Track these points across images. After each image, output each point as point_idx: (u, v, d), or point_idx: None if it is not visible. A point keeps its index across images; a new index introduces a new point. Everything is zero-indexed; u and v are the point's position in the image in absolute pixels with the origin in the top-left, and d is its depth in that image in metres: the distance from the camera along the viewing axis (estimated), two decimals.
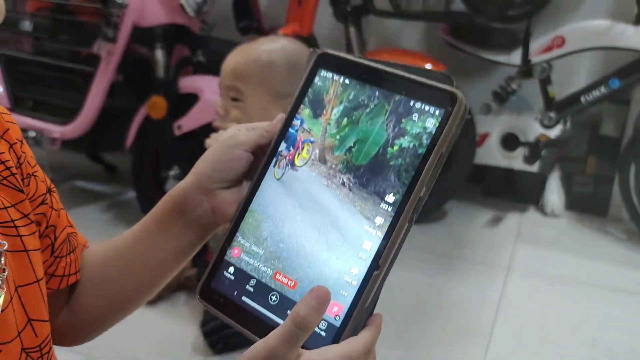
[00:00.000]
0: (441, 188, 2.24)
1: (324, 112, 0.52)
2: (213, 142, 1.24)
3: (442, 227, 2.26)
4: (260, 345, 0.43)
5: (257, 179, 0.53)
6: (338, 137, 0.50)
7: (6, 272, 0.49)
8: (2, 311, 0.48)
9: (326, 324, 0.46)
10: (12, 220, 0.51)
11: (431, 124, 0.46)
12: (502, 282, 1.85)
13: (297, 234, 0.50)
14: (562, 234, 2.30)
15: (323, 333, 0.46)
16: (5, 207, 0.50)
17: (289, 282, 0.48)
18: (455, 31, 2.33)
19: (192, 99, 1.83)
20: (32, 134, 1.94)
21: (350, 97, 0.51)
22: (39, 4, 2.18)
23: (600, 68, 2.32)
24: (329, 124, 0.51)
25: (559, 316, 1.69)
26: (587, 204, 2.47)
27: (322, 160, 0.50)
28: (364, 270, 0.45)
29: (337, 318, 0.45)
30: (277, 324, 0.46)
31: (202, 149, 1.31)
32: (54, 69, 2.05)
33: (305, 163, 0.51)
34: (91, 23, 2.09)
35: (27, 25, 2.07)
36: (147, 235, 0.58)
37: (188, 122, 1.82)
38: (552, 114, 2.22)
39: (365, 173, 0.48)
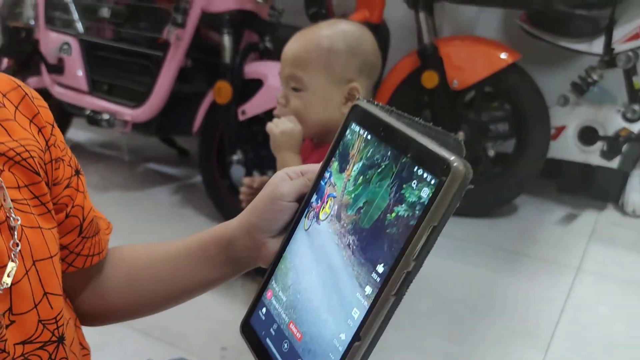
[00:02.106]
0: (511, 182, 2.16)
1: (347, 167, 0.50)
2: (274, 128, 1.24)
3: (512, 223, 2.18)
4: None
5: (292, 227, 0.54)
6: (353, 195, 0.49)
7: (19, 247, 0.51)
8: (16, 283, 0.50)
9: None
10: (27, 199, 0.53)
11: (425, 194, 0.42)
12: (570, 283, 1.76)
13: (310, 288, 0.50)
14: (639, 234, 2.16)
15: None
16: (19, 187, 0.53)
17: (297, 334, 0.49)
18: (533, 18, 2.22)
19: (257, 84, 1.85)
20: (105, 116, 2.02)
21: (369, 154, 0.49)
22: None
23: None
24: (349, 180, 0.50)
25: (629, 323, 1.59)
26: None
27: (338, 217, 0.49)
28: (349, 338, 0.44)
29: None
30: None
31: (265, 134, 1.33)
32: (129, 55, 2.13)
33: (327, 218, 0.51)
34: (166, 10, 2.16)
35: (105, 12, 2.15)
36: (188, 256, 0.62)
37: (252, 108, 1.84)
38: (637, 107, 2.08)
39: (366, 237, 0.46)
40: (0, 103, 0.53)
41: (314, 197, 0.53)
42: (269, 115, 1.86)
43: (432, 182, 0.42)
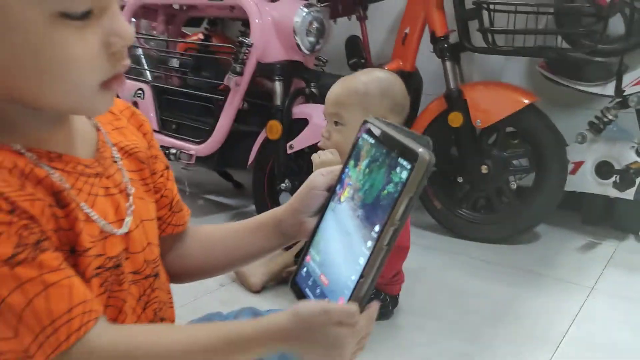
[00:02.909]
0: (530, 213, 2.35)
1: (359, 163, 0.72)
2: (316, 158, 1.52)
3: (533, 248, 2.37)
4: (319, 303, 0.66)
5: (323, 209, 0.76)
6: (361, 182, 0.70)
7: (132, 207, 0.75)
8: (130, 232, 0.74)
9: None
10: (136, 179, 0.79)
11: (404, 175, 0.62)
12: (583, 300, 1.94)
13: (334, 249, 0.71)
14: None
15: None
16: (131, 171, 0.78)
17: (325, 281, 0.70)
18: (551, 65, 2.46)
19: (303, 123, 2.14)
20: (173, 150, 2.35)
21: (372, 153, 0.70)
22: (186, 46, 2.63)
23: None
24: (360, 172, 0.71)
25: (637, 333, 1.75)
26: None
27: (352, 198, 0.70)
28: (357, 278, 0.64)
29: None
30: None
31: (310, 164, 1.61)
32: (194, 98, 2.47)
33: (345, 200, 0.72)
34: (225, 61, 2.50)
35: (174, 62, 2.52)
36: (249, 230, 0.86)
37: (298, 143, 2.13)
38: None
39: (369, 209, 0.66)
40: (119, 117, 0.82)
41: (338, 186, 0.75)
42: (312, 149, 2.15)
43: (408, 167, 0.62)
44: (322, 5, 2.26)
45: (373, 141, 0.70)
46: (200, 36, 2.89)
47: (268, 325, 0.66)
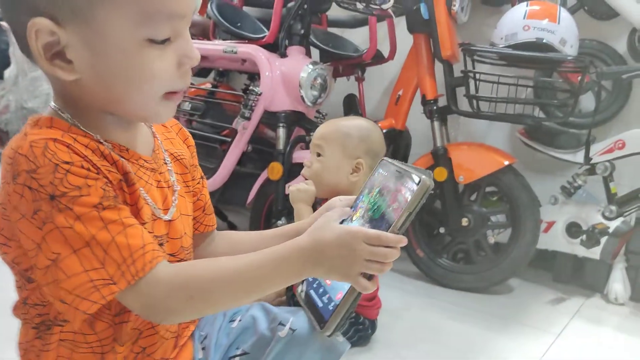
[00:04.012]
0: (505, 266, 2.54)
1: (372, 191, 0.86)
2: (292, 187, 1.72)
3: (507, 298, 2.55)
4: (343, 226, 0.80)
5: None
6: (372, 203, 0.83)
7: (177, 201, 0.91)
8: (174, 220, 0.90)
9: None
10: (180, 181, 0.96)
11: (408, 195, 0.76)
12: (550, 344, 2.11)
13: None
14: (622, 319, 2.48)
15: None
16: (177, 173, 0.94)
17: (328, 281, 0.87)
18: (529, 132, 2.71)
19: (301, 167, 2.34)
20: None
21: (384, 182, 0.84)
22: (196, 92, 2.85)
23: None
24: (372, 197, 0.84)
25: None
26: None
27: (363, 216, 0.84)
28: None
29: None
30: (319, 306, 0.85)
31: None
32: (202, 139, 2.67)
33: (357, 219, 0.85)
34: (232, 108, 2.73)
35: (187, 105, 2.73)
36: (274, 238, 0.97)
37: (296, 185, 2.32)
38: (613, 208, 2.49)
39: (375, 222, 0.80)
40: (169, 130, 1.00)
41: (352, 210, 0.87)
42: None
43: (412, 188, 0.76)
44: (325, 64, 2.50)
45: (386, 173, 0.85)
46: (209, 86, 3.12)
47: (292, 245, 0.79)
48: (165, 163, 0.93)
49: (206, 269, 0.80)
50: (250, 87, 2.38)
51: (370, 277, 0.78)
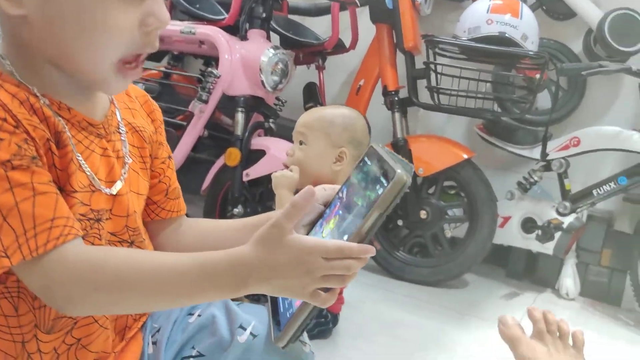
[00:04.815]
0: (462, 260, 2.53)
1: (355, 181, 0.76)
2: (277, 173, 1.65)
3: (462, 293, 2.55)
4: (269, 221, 0.67)
5: (314, 223, 0.80)
6: (351, 197, 0.74)
7: (126, 175, 0.82)
8: (120, 196, 0.80)
9: None
10: (135, 155, 0.86)
11: (380, 191, 0.65)
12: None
13: None
14: (573, 314, 2.52)
15: None
16: (134, 146, 0.86)
17: None
18: (487, 127, 2.72)
19: (260, 154, 2.27)
20: None
21: (366, 173, 0.74)
22: (150, 74, 2.74)
23: (619, 166, 2.62)
24: (353, 189, 0.75)
25: None
26: (600, 293, 2.70)
27: (340, 212, 0.75)
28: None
29: None
30: (280, 311, 0.74)
31: (263, 193, 1.73)
32: None
33: (336, 213, 0.76)
34: (187, 91, 2.63)
35: (140, 87, 2.61)
36: (245, 226, 0.89)
37: (254, 171, 2.25)
38: (567, 204, 2.52)
39: (349, 221, 0.70)
40: (133, 99, 0.91)
41: (333, 203, 0.79)
42: (266, 180, 2.28)
43: (385, 184, 0.65)
44: (286, 49, 2.44)
45: (370, 163, 0.75)
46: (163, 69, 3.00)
47: (232, 255, 0.67)
48: (119, 132, 0.84)
49: (123, 261, 0.69)
50: (209, 69, 2.29)
51: (328, 289, 0.67)
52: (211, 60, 2.72)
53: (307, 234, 0.79)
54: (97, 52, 0.71)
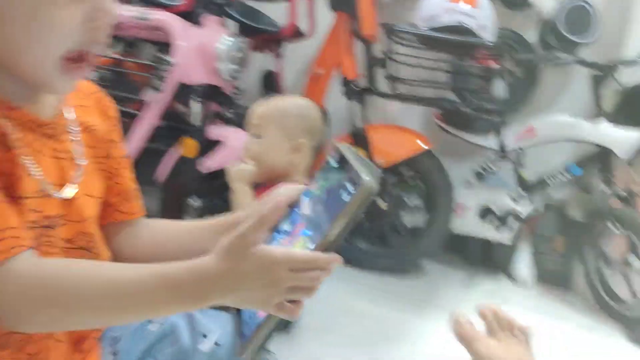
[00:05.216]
0: (421, 248, 2.55)
1: (320, 184, 0.71)
2: (232, 167, 1.60)
3: (420, 281, 2.56)
4: (233, 231, 0.63)
5: (277, 226, 0.73)
6: (316, 201, 0.70)
7: (80, 178, 0.76)
8: (74, 200, 0.74)
9: None
10: (90, 156, 0.79)
11: (346, 198, 0.62)
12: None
13: None
14: (529, 300, 2.57)
15: None
16: (88, 146, 0.79)
17: None
18: (445, 116, 2.73)
19: (218, 144, 2.22)
20: None
21: (331, 176, 0.70)
22: (101, 61, 2.63)
23: (571, 155, 2.68)
24: (318, 192, 0.71)
25: None
26: (554, 279, 2.76)
27: (306, 217, 0.70)
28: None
29: None
30: (244, 319, 0.69)
31: (222, 185, 1.67)
32: None
33: (301, 218, 0.71)
34: (140, 79, 2.54)
35: (94, 75, 2.51)
36: (205, 230, 0.84)
37: (212, 163, 2.19)
38: (523, 193, 2.57)
39: (315, 228, 0.66)
40: (86, 96, 0.84)
41: (297, 206, 0.73)
42: (224, 171, 2.22)
43: (352, 191, 0.62)
44: (243, 37, 2.37)
45: (336, 165, 0.71)
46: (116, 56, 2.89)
47: (194, 266, 0.64)
48: (70, 131, 0.78)
49: (78, 275, 0.64)
50: (163, 57, 2.21)
51: (294, 300, 0.65)
52: (165, 47, 2.63)
53: (270, 237, 0.74)
54: (38, 49, 0.65)
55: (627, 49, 2.55)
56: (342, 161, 0.70)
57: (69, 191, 0.74)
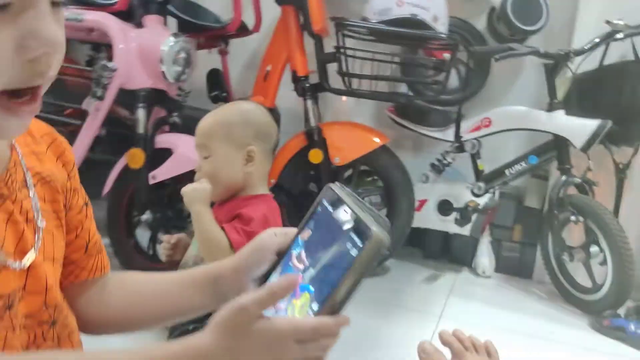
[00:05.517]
0: None
1: (314, 231, 0.65)
2: (186, 188, 1.48)
3: (383, 280, 2.51)
4: (233, 303, 0.56)
5: (268, 275, 0.69)
6: (314, 252, 0.63)
7: (40, 242, 0.66)
8: (35, 268, 0.64)
9: None
10: (48, 211, 0.69)
11: (354, 253, 0.55)
12: (434, 327, 2.09)
13: None
14: (491, 292, 2.57)
15: None
16: (45, 200, 0.69)
17: None
18: (399, 110, 2.67)
19: (166, 153, 2.08)
20: None
21: (327, 222, 0.64)
22: None
23: (526, 145, 2.67)
24: (314, 241, 0.64)
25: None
26: (514, 268, 2.77)
27: (302, 269, 0.64)
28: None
29: None
30: None
31: (173, 196, 1.54)
32: (46, 121, 2.28)
33: (295, 269, 0.65)
34: (74, 84, 2.36)
35: None
36: (179, 284, 0.76)
37: (161, 173, 2.06)
38: (481, 184, 2.54)
39: (316, 283, 0.60)
40: (38, 140, 0.71)
41: (290, 252, 0.67)
42: (174, 181, 2.09)
43: (359, 244, 0.55)
44: (186, 35, 2.24)
45: (331, 210, 0.64)
46: None
47: (188, 348, 0.58)
48: (26, 187, 0.66)
49: None
50: (103, 63, 2.04)
51: None
52: (100, 45, 2.46)
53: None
54: None
55: (575, 37, 2.55)
56: (337, 205, 0.63)
57: (28, 259, 0.64)
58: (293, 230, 0.71)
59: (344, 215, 0.61)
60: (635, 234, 2.40)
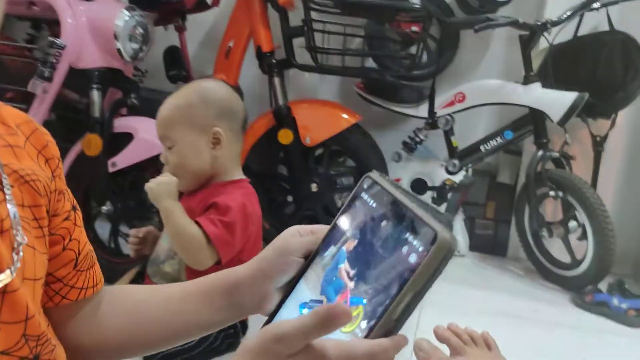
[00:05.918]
0: None
1: (354, 231, 0.54)
2: (150, 183, 1.32)
3: None
4: (270, 329, 0.46)
5: (295, 282, 0.58)
6: (357, 256, 0.52)
7: (19, 260, 0.52)
8: (13, 292, 0.51)
9: None
10: (28, 219, 0.55)
11: (413, 259, 0.46)
12: (418, 312, 2.00)
13: None
14: (467, 272, 2.50)
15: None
16: (23, 205, 0.55)
17: None
18: (368, 86, 2.56)
19: (125, 137, 1.91)
20: None
21: (372, 219, 0.53)
22: None
23: (498, 121, 2.61)
24: (355, 242, 0.53)
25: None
26: (488, 246, 2.72)
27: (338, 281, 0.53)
28: None
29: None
30: None
31: (135, 186, 1.38)
32: None
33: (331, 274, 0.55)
34: (14, 64, 2.15)
35: None
36: (187, 298, 0.64)
37: (122, 160, 1.89)
38: (456, 162, 2.46)
39: (366, 288, 0.49)
40: (14, 131, 0.56)
41: (321, 253, 0.56)
42: (136, 168, 1.93)
43: (420, 249, 0.46)
44: (142, 10, 2.05)
45: (375, 204, 0.53)
46: None
47: None
48: (2, 190, 0.53)
49: None
50: (50, 39, 1.84)
51: None
52: (41, 23, 2.24)
53: (282, 301, 0.58)
54: None
55: (547, 9, 2.48)
56: (383, 199, 0.52)
57: (2, 281, 0.50)
58: (321, 229, 0.59)
59: (394, 212, 0.50)
60: (612, 206, 2.37)
